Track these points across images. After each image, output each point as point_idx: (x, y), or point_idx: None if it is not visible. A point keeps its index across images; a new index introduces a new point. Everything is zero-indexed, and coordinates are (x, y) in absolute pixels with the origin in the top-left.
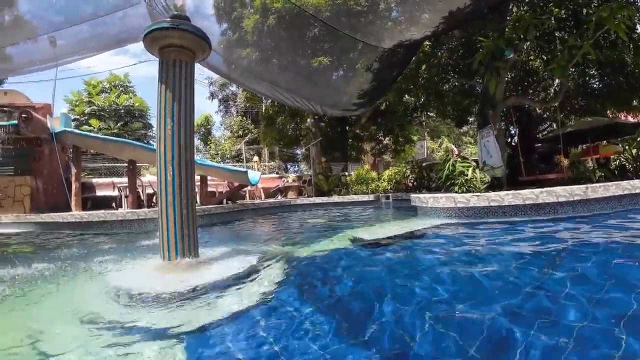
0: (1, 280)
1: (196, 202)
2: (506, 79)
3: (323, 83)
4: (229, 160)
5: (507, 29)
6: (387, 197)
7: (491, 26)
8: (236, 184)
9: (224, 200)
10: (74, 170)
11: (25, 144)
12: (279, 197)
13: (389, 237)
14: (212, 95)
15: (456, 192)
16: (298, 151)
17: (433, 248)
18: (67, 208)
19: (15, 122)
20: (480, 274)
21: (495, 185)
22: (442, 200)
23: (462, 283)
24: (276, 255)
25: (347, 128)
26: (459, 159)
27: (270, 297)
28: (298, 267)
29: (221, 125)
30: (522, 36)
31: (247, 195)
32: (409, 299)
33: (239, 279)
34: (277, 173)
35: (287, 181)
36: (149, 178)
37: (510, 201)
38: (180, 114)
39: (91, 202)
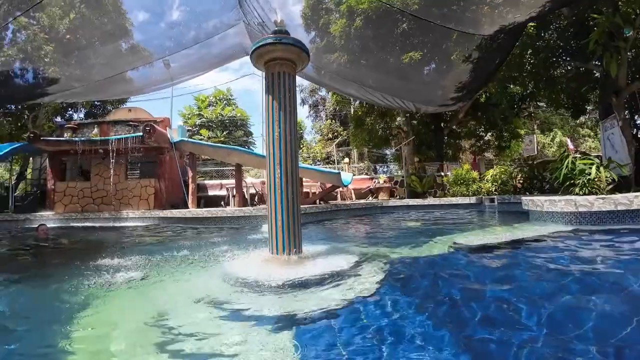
0: (136, 264)
1: None
2: (629, 60)
3: (415, 79)
4: (319, 162)
5: (620, 3)
6: (492, 200)
7: (604, 1)
8: (328, 185)
9: (317, 201)
10: (190, 174)
11: (149, 152)
12: (370, 198)
13: (496, 244)
14: (303, 102)
15: (577, 194)
16: (387, 151)
17: (551, 257)
18: (184, 205)
19: (141, 134)
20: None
21: (621, 185)
22: (559, 203)
23: (592, 310)
24: (374, 255)
25: (442, 125)
26: (579, 155)
27: (372, 294)
28: (398, 269)
29: (312, 129)
30: (638, 11)
31: (339, 196)
32: (516, 320)
33: (342, 275)
34: (366, 174)
35: (379, 182)
36: (250, 180)
37: None
38: (285, 121)
39: (204, 200)
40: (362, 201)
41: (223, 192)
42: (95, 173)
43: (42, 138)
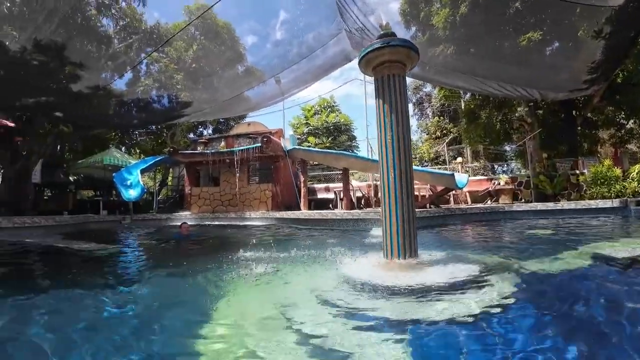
0: (263, 260)
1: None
2: None
3: (536, 62)
4: (427, 163)
5: None
6: (639, 203)
7: None
8: (439, 187)
9: (427, 205)
10: (302, 178)
11: (266, 160)
12: (489, 202)
13: None
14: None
15: None
16: (507, 148)
17: None
18: (297, 208)
19: (259, 144)
20: None
21: None
22: None
23: None
24: (499, 266)
25: (574, 113)
26: None
27: (498, 309)
28: (529, 283)
29: (417, 128)
30: None
31: (452, 199)
32: None
33: (462, 285)
34: (483, 174)
35: (499, 183)
36: (356, 183)
37: None
38: (398, 123)
39: (313, 203)
40: (479, 205)
41: (330, 195)
42: (223, 179)
43: (179, 152)
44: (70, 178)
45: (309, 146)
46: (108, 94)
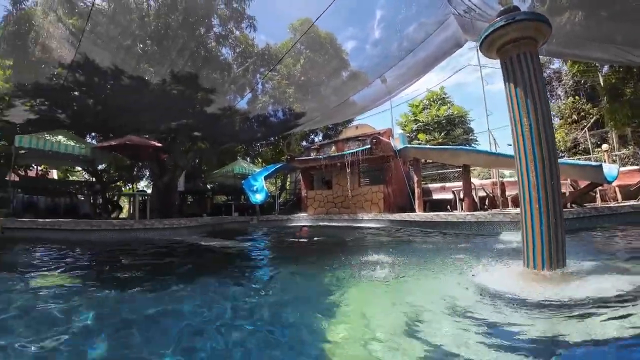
0: (381, 264)
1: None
2: None
3: None
4: (563, 154)
5: None
6: None
7: None
8: (583, 183)
9: (569, 204)
10: (415, 178)
11: (376, 161)
12: None
13: None
14: None
15: None
16: None
17: None
18: (411, 209)
19: (369, 146)
20: None
21: None
22: None
23: None
24: None
25: None
26: None
27: None
28: None
29: None
30: None
31: (598, 196)
32: None
33: (620, 303)
34: (633, 164)
35: None
36: (477, 181)
37: None
38: (536, 109)
39: (429, 204)
40: (632, 202)
41: (447, 195)
42: (335, 182)
43: (295, 158)
44: (208, 186)
45: (419, 144)
46: (234, 113)
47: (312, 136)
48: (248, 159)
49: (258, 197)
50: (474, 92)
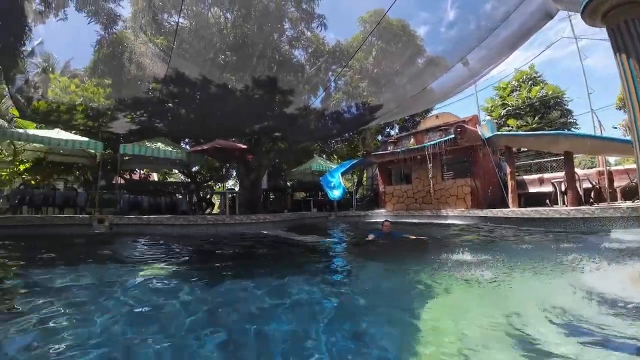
0: (474, 263)
1: None
2: None
3: None
4: None
5: None
6: None
7: None
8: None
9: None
10: (507, 169)
11: (461, 152)
12: None
13: None
14: None
15: None
16: None
17: None
18: (502, 204)
19: (452, 136)
20: None
21: None
22: None
23: None
24: None
25: None
26: None
27: None
28: None
29: None
30: None
31: None
32: None
33: None
34: None
35: None
36: (581, 171)
37: None
38: None
39: (524, 198)
40: None
41: (546, 188)
42: (415, 177)
43: (372, 153)
44: (287, 183)
45: (509, 130)
46: (309, 113)
47: (388, 129)
48: (324, 155)
49: (335, 193)
50: (569, 68)
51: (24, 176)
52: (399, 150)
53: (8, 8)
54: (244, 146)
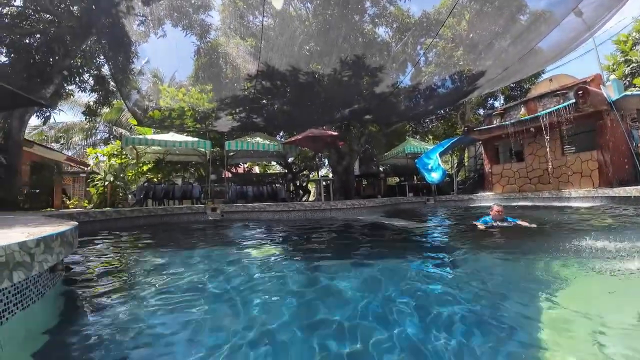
0: (602, 252)
1: None
2: None
3: None
4: None
5: None
6: None
7: None
8: None
9: None
10: None
11: (583, 120)
12: None
13: None
14: None
15: None
16: None
17: None
18: (636, 181)
19: (572, 101)
20: None
21: None
22: None
23: None
24: None
25: None
26: None
27: None
28: None
29: None
30: None
31: None
32: None
33: None
34: None
35: None
36: None
37: None
38: None
39: None
40: None
41: None
42: (528, 153)
43: (474, 129)
44: (380, 168)
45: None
46: (399, 92)
47: (491, 101)
48: (418, 137)
49: (434, 176)
50: None
51: (147, 175)
52: (507, 123)
53: (112, 31)
54: (335, 133)
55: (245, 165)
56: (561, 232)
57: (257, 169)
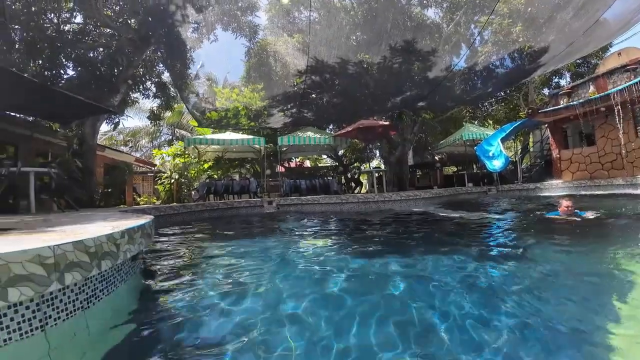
0: None
1: None
2: None
3: None
4: None
5: None
6: None
7: None
8: None
9: None
10: None
11: None
12: None
13: None
14: None
15: None
16: None
17: None
18: None
19: None
20: None
21: None
22: None
23: None
24: None
25: None
26: None
27: None
28: None
29: None
30: None
31: None
32: None
33: None
34: None
35: None
36: None
37: None
38: None
39: None
40: None
41: None
42: (600, 135)
43: (539, 111)
44: (436, 157)
45: None
46: (453, 75)
47: (556, 79)
48: (476, 122)
49: (496, 164)
50: None
51: (208, 172)
52: (574, 103)
53: (169, 40)
54: (387, 123)
55: (297, 160)
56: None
57: (307, 163)
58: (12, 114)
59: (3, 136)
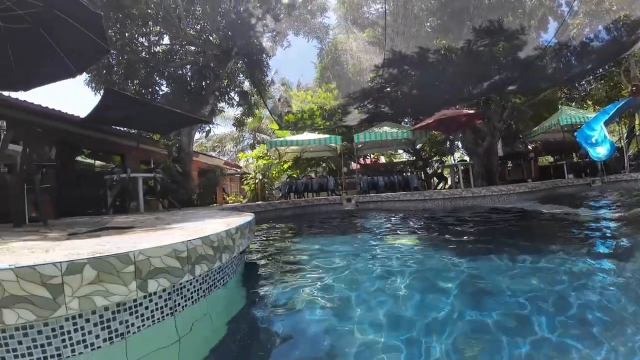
0: None
1: None
2: None
3: None
4: None
5: None
6: None
7: None
8: None
9: None
10: None
11: None
12: None
13: None
14: None
15: None
16: None
17: None
18: None
19: None
20: None
21: None
22: None
23: None
24: None
25: None
26: None
27: None
28: None
29: None
30: None
31: None
32: None
33: None
34: None
35: None
36: None
37: None
38: None
39: None
40: None
41: None
42: None
43: None
44: (529, 147)
45: None
46: (543, 53)
47: None
48: (573, 104)
49: (600, 151)
50: None
51: (288, 172)
52: None
53: (248, 51)
54: (471, 111)
55: (372, 156)
56: None
57: (382, 159)
58: (120, 128)
59: (114, 148)
